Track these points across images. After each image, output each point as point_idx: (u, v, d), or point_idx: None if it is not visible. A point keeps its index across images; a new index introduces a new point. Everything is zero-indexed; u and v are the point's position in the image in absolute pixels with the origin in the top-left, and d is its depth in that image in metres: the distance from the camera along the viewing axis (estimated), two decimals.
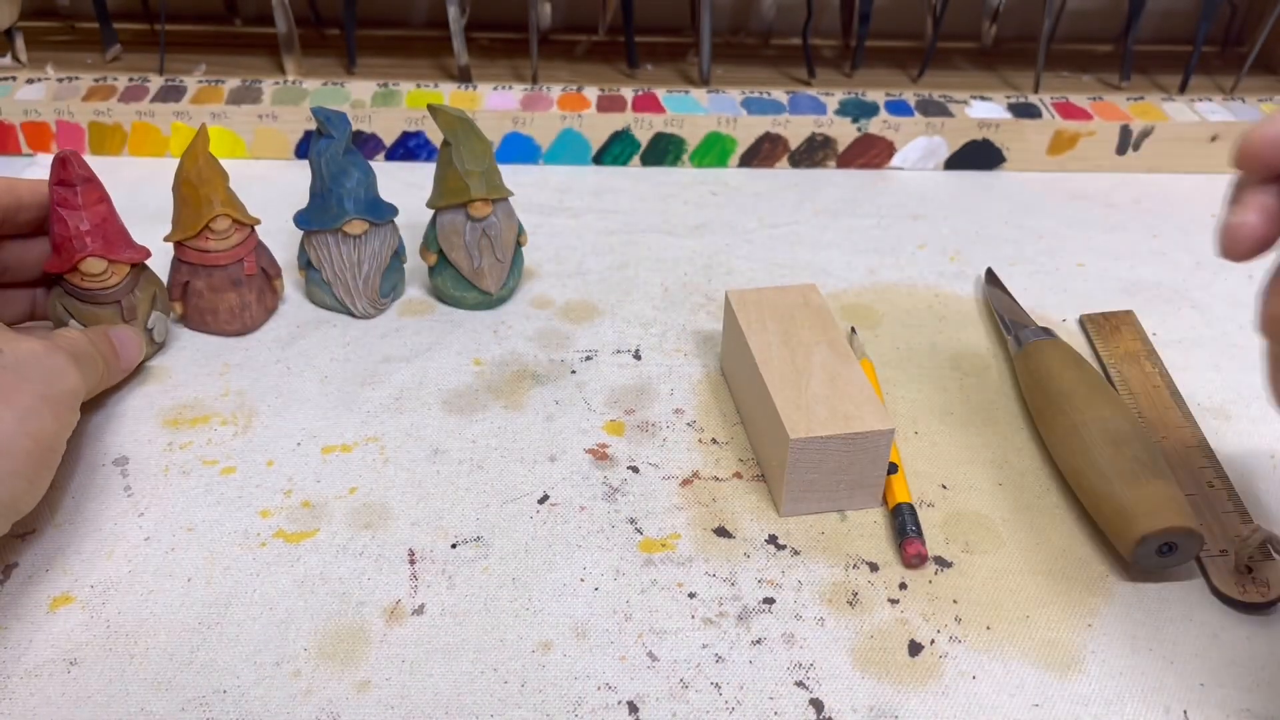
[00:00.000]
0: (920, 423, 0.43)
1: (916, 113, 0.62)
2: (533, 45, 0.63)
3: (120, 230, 0.43)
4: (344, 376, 0.45)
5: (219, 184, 0.44)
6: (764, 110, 0.61)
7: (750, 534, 0.38)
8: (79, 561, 0.36)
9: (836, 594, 0.36)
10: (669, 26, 0.71)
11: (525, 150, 0.61)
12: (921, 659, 0.34)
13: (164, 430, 0.42)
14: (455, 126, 0.46)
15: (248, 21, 0.70)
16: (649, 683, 0.33)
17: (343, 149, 0.46)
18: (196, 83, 0.62)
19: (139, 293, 0.44)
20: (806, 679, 0.33)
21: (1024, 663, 0.34)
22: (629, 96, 0.62)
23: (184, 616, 0.35)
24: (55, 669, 0.33)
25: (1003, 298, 0.49)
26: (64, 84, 0.61)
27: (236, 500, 0.39)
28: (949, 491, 0.40)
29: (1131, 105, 0.63)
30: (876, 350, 0.47)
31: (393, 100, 0.61)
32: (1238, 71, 0.66)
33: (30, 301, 0.44)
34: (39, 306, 0.44)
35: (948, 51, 0.70)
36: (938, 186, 0.61)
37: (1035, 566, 0.37)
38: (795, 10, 0.69)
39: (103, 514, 0.38)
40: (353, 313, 0.48)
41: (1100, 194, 0.61)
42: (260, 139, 0.60)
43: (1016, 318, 0.47)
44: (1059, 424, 0.40)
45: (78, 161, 0.41)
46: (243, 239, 0.46)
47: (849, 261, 0.54)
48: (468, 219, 0.47)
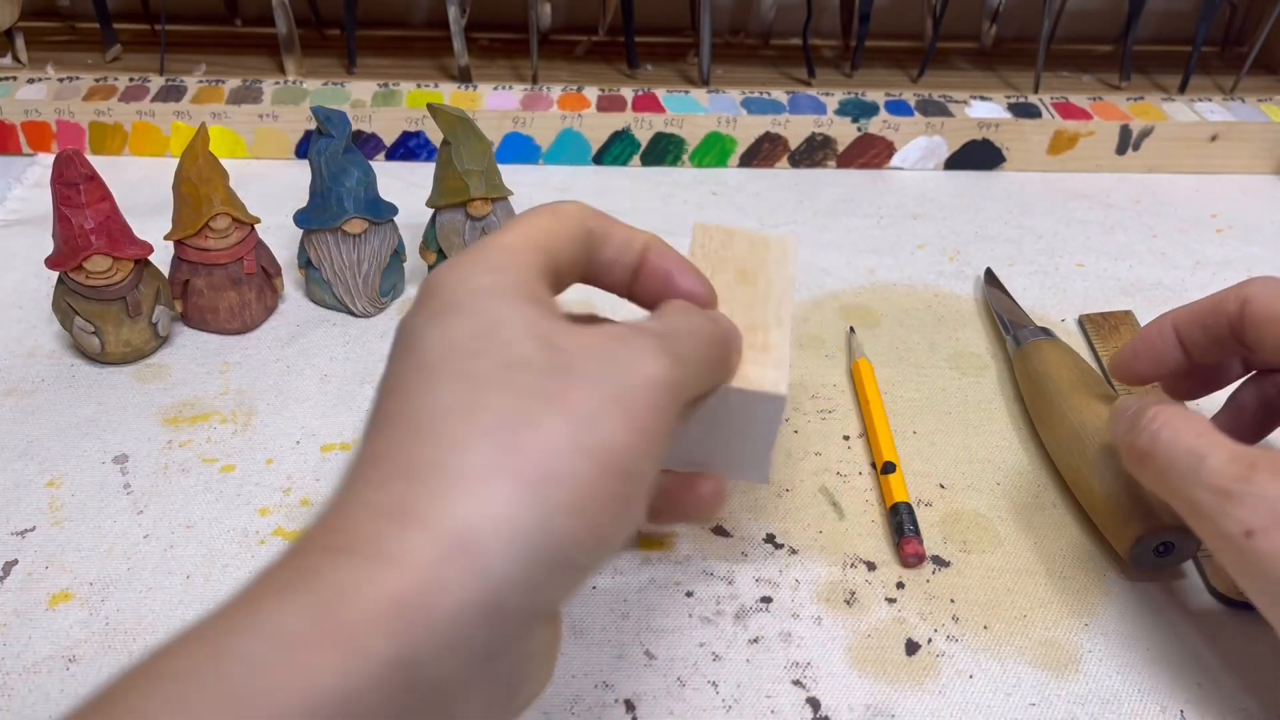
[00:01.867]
0: (919, 422, 0.43)
1: (916, 113, 0.62)
2: (533, 45, 0.63)
3: (123, 227, 0.43)
4: (344, 375, 0.45)
5: (219, 183, 0.45)
6: (764, 110, 0.61)
7: (748, 533, 0.38)
8: (78, 559, 0.36)
9: (834, 593, 0.36)
10: (669, 27, 0.71)
11: (525, 150, 0.61)
12: (918, 658, 0.34)
13: (163, 428, 0.42)
14: (455, 126, 0.46)
15: (248, 22, 0.71)
16: (646, 681, 0.33)
17: (342, 148, 0.46)
18: (197, 83, 0.62)
19: (143, 288, 0.44)
20: (803, 678, 0.33)
21: (1021, 662, 0.34)
22: (629, 97, 0.62)
23: (183, 614, 0.35)
24: (54, 666, 0.33)
25: (1002, 298, 0.49)
26: (64, 84, 0.61)
27: (236, 498, 0.39)
28: (947, 491, 0.40)
29: (1131, 105, 0.63)
30: (876, 350, 0.47)
31: (393, 100, 0.61)
32: (1238, 71, 0.66)
33: None
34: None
35: (948, 52, 0.70)
36: (937, 186, 0.61)
37: (1033, 566, 0.37)
38: (795, 10, 0.69)
39: (102, 511, 0.38)
40: (352, 312, 0.49)
41: (1100, 194, 0.61)
42: (260, 139, 0.60)
43: (1015, 318, 0.47)
44: (1057, 424, 0.40)
45: (80, 160, 0.41)
46: (242, 238, 0.46)
47: (848, 261, 0.54)
48: (467, 218, 0.47)
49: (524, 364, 0.23)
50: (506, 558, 0.21)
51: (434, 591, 0.20)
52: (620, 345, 0.25)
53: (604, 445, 0.23)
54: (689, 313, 0.28)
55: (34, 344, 0.46)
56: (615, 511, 0.23)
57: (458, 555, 0.20)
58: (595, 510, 0.22)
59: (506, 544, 0.21)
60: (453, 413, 0.22)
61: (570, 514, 0.22)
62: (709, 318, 0.29)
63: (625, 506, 0.23)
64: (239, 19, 0.70)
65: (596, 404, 0.23)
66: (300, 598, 0.20)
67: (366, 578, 0.20)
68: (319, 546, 0.21)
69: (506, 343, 0.24)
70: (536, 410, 0.22)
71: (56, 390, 0.44)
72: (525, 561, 0.21)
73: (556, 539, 0.21)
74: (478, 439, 0.22)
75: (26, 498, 0.39)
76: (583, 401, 0.23)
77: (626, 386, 0.24)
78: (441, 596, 0.20)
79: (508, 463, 0.21)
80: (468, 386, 0.23)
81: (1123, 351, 0.38)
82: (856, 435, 0.43)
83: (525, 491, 0.21)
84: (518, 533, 0.21)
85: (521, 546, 0.21)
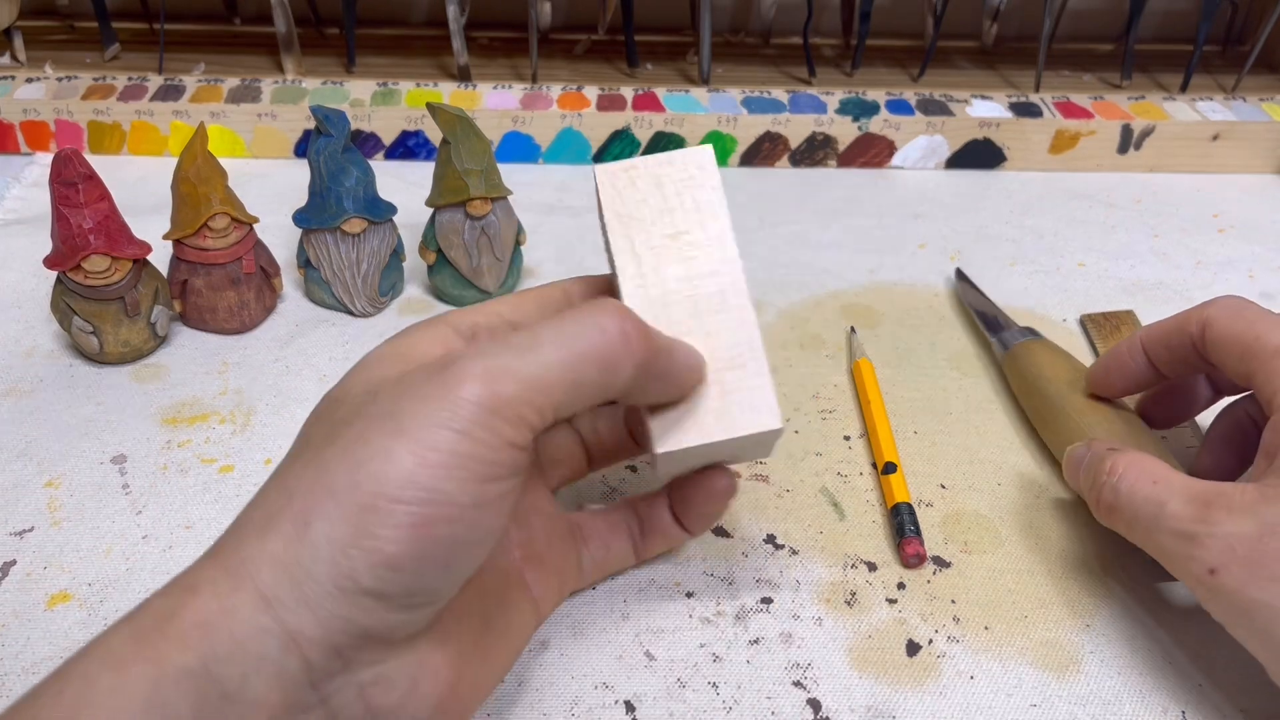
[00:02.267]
0: (919, 422, 0.43)
1: (917, 112, 0.61)
2: (532, 44, 0.63)
3: (122, 227, 0.43)
4: (342, 375, 0.45)
5: (218, 182, 0.44)
6: (764, 109, 0.61)
7: (748, 533, 0.38)
8: (77, 559, 0.36)
9: (834, 594, 0.36)
10: (669, 26, 0.71)
11: (525, 149, 0.61)
12: (919, 659, 0.34)
13: (162, 428, 0.42)
14: (454, 125, 0.46)
15: (247, 21, 0.70)
16: (646, 682, 0.33)
17: (342, 148, 0.46)
18: (196, 82, 0.62)
19: (141, 288, 0.44)
20: (804, 679, 0.33)
21: (1022, 663, 0.34)
22: (629, 96, 0.62)
23: None
24: (53, 667, 0.32)
25: (978, 298, 0.49)
26: (63, 83, 0.61)
27: (234, 498, 0.39)
28: (948, 491, 0.40)
29: (1132, 104, 0.63)
30: (876, 350, 0.47)
31: (392, 99, 0.61)
32: (1239, 70, 0.65)
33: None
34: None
35: (948, 51, 0.70)
36: (938, 186, 0.61)
37: (1034, 566, 0.37)
38: (795, 9, 0.68)
39: (101, 512, 0.38)
40: (352, 311, 0.48)
41: (1101, 193, 0.61)
42: (259, 138, 0.60)
43: (994, 317, 0.47)
44: (1060, 425, 0.40)
45: (78, 159, 0.41)
46: (241, 237, 0.46)
47: (849, 261, 0.54)
48: (466, 218, 0.47)
49: (341, 418, 0.26)
50: (279, 587, 0.23)
51: (225, 614, 0.23)
52: (424, 376, 0.25)
53: (379, 476, 0.23)
54: (561, 323, 0.26)
55: (32, 344, 0.46)
56: (408, 536, 0.23)
57: (243, 586, 0.23)
58: (378, 538, 0.23)
59: (278, 576, 0.23)
60: (273, 474, 0.26)
61: (347, 546, 0.23)
62: (590, 325, 0.26)
63: (426, 525, 0.24)
64: (238, 18, 0.70)
65: (380, 439, 0.24)
66: (127, 626, 0.24)
67: (181, 603, 0.23)
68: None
69: (341, 403, 0.27)
70: (325, 456, 0.25)
71: (55, 390, 0.44)
72: (301, 592, 0.23)
73: (331, 569, 0.23)
74: (272, 488, 0.25)
75: (25, 498, 0.39)
76: (368, 438, 0.24)
77: (414, 416, 0.24)
78: (230, 619, 0.23)
79: (286, 508, 0.24)
80: (299, 443, 0.27)
81: (1096, 367, 0.39)
82: (857, 435, 0.43)
83: (295, 528, 0.24)
84: (289, 566, 0.23)
85: (296, 577, 0.23)
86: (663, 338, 0.28)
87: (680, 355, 0.28)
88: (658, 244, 0.30)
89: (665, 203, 0.31)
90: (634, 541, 0.35)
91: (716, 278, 0.30)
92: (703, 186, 0.31)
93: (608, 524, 0.35)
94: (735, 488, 0.33)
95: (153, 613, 0.24)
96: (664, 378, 0.28)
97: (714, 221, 0.31)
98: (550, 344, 0.26)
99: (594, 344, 0.26)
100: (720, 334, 0.30)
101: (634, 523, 0.35)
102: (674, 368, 0.28)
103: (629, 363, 0.26)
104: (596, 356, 0.26)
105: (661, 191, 0.31)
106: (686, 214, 0.31)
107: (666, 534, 0.35)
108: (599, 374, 0.26)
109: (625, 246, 0.30)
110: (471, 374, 0.25)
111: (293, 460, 0.26)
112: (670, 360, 0.28)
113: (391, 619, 0.24)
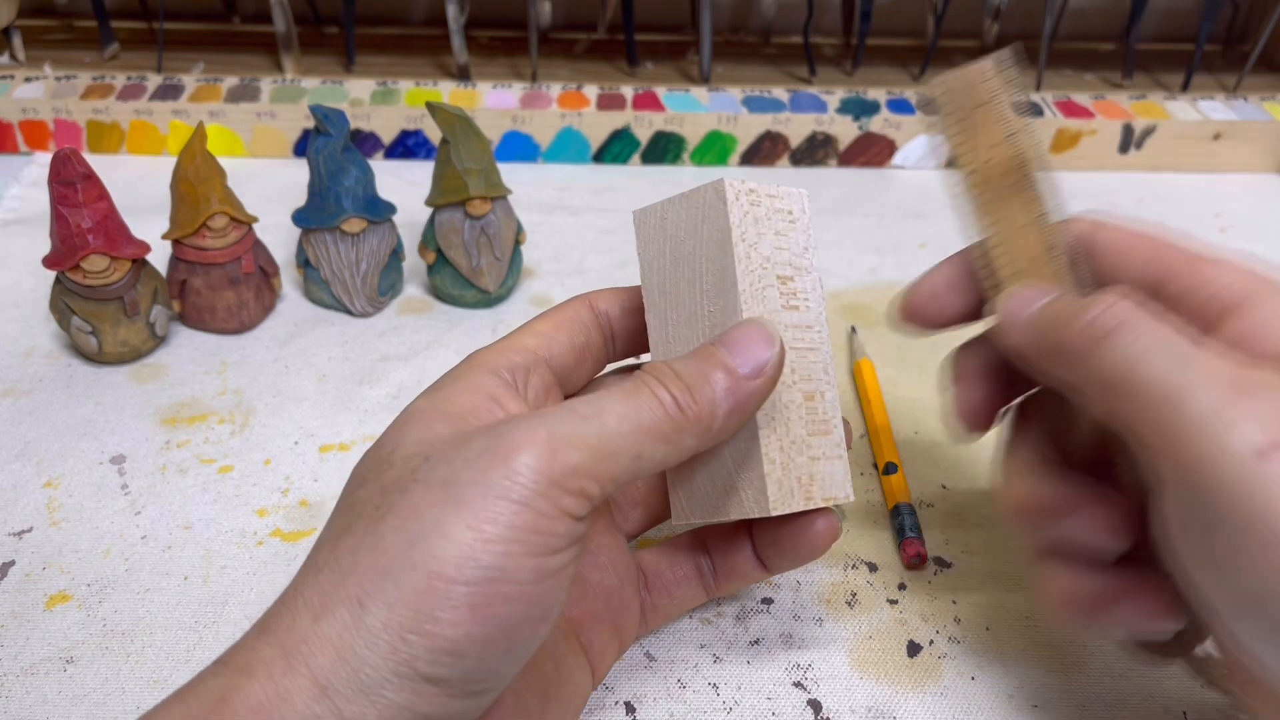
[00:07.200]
0: (920, 423, 0.43)
1: (918, 111, 0.61)
2: (532, 43, 0.63)
3: (121, 226, 0.43)
4: (342, 375, 0.45)
5: (217, 182, 0.44)
6: (765, 109, 0.61)
7: None
8: (76, 560, 0.36)
9: (835, 594, 0.36)
10: (669, 25, 0.71)
11: (524, 149, 0.61)
12: (920, 659, 0.34)
13: (161, 428, 0.42)
14: (454, 125, 0.46)
15: (246, 20, 0.70)
16: (646, 683, 0.33)
17: (341, 147, 0.46)
18: (195, 81, 0.62)
19: (140, 288, 0.44)
20: (805, 679, 0.33)
21: (1023, 664, 0.34)
22: (629, 95, 0.62)
23: (181, 615, 0.34)
24: (52, 667, 0.33)
25: None
26: (62, 82, 0.61)
27: (234, 499, 0.39)
28: (949, 491, 0.40)
29: (1134, 104, 0.63)
30: (876, 350, 0.47)
31: (391, 98, 0.61)
32: (1240, 70, 0.65)
33: None
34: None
35: (949, 50, 0.70)
36: (939, 185, 0.61)
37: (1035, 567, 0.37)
38: (796, 8, 0.68)
39: (100, 512, 0.38)
40: (351, 311, 0.48)
41: (1102, 193, 0.60)
42: (258, 137, 0.60)
43: None
44: None
45: (77, 159, 0.41)
46: (240, 237, 0.46)
47: (850, 260, 0.54)
48: (466, 217, 0.47)
49: (392, 482, 0.24)
50: (336, 674, 0.22)
51: (280, 700, 0.22)
52: (484, 441, 0.24)
53: (437, 554, 0.23)
54: (621, 395, 0.26)
55: (31, 344, 0.46)
56: (468, 618, 0.23)
57: (297, 670, 0.22)
58: (438, 621, 0.22)
59: (335, 662, 0.22)
60: (324, 542, 0.25)
61: (405, 631, 0.22)
62: (647, 400, 0.25)
63: (486, 606, 0.23)
64: (237, 17, 0.70)
65: (435, 511, 0.23)
66: (179, 707, 0.23)
67: (234, 685, 0.22)
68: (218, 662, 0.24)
69: (389, 464, 0.25)
70: (379, 530, 0.24)
71: (54, 390, 0.44)
72: (359, 680, 0.22)
73: (389, 656, 0.22)
74: (326, 562, 0.24)
75: (24, 498, 0.38)
76: (422, 511, 0.23)
77: (471, 485, 0.23)
78: (285, 705, 0.22)
79: (340, 588, 0.23)
80: (348, 509, 0.25)
81: (917, 287, 0.31)
82: (858, 435, 0.43)
83: (350, 612, 0.23)
84: (345, 652, 0.22)
85: (353, 663, 0.22)
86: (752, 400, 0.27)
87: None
88: (771, 284, 0.29)
89: (778, 240, 0.29)
90: (705, 584, 0.33)
91: (812, 331, 0.30)
92: (804, 231, 0.30)
93: (674, 567, 0.33)
94: (838, 530, 0.30)
95: (205, 694, 0.23)
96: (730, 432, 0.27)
97: (809, 274, 0.30)
98: (613, 414, 0.25)
99: (657, 417, 0.25)
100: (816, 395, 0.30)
101: (704, 561, 0.33)
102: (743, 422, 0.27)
103: (693, 437, 0.26)
104: (657, 431, 0.25)
105: (774, 226, 0.29)
106: (794, 256, 0.30)
107: (747, 576, 0.33)
108: (662, 449, 0.25)
109: (746, 280, 0.28)
110: (533, 440, 0.24)
111: (345, 532, 0.24)
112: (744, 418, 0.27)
113: (452, 706, 0.23)
